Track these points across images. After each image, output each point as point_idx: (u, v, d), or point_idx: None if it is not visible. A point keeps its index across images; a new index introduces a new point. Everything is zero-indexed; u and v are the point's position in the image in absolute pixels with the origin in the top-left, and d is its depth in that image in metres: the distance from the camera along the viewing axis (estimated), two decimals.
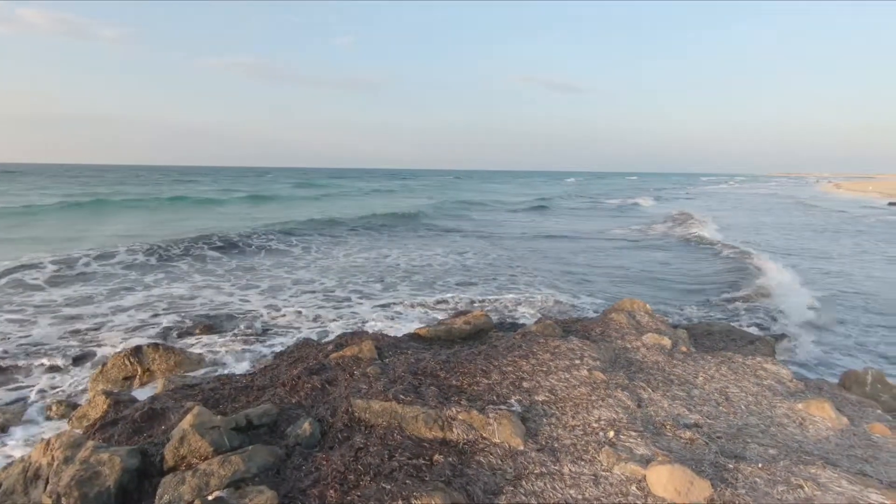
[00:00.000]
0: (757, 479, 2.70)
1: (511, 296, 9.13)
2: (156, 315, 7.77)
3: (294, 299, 8.84)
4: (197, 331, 6.98)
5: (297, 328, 7.27)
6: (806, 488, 2.61)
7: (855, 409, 4.00)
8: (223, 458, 2.78)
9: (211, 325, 7.19)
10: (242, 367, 5.63)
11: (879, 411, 4.05)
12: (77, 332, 6.91)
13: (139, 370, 5.22)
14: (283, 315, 7.88)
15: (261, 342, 6.58)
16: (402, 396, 3.51)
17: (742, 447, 3.16)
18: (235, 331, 7.01)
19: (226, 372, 5.32)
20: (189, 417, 3.10)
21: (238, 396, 3.99)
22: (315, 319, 7.72)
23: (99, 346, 6.42)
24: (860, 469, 2.93)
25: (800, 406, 3.72)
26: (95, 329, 7.05)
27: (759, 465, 2.84)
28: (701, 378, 4.19)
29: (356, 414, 3.40)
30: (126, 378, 5.18)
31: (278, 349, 5.96)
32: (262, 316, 7.78)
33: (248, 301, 8.68)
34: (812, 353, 6.70)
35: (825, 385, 4.65)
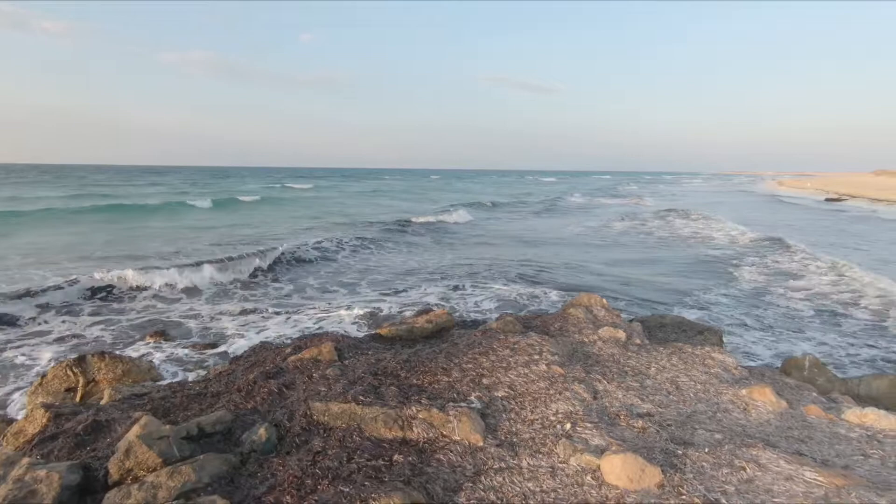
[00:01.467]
0: (703, 464, 2.83)
1: (483, 293, 9.20)
2: (100, 323, 7.39)
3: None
4: (147, 338, 6.68)
5: (254, 331, 7.07)
6: (748, 469, 2.75)
7: (793, 393, 4.25)
8: (172, 468, 2.67)
9: (162, 331, 6.89)
10: (196, 374, 5.42)
11: (815, 394, 4.33)
12: (11, 340, 6.48)
13: (82, 381, 4.94)
14: (240, 320, 7.64)
15: (215, 348, 6.36)
16: (361, 397, 3.47)
17: (690, 433, 3.30)
18: (188, 337, 6.75)
19: (178, 379, 5.11)
20: (136, 428, 2.96)
21: (190, 404, 3.84)
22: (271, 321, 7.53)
23: (36, 356, 6.04)
24: (797, 449, 3.11)
25: (743, 392, 3.91)
26: (33, 337, 6.63)
27: (706, 450, 2.97)
28: (653, 369, 4.34)
29: (315, 417, 3.34)
30: (68, 390, 4.90)
31: (234, 354, 5.77)
32: (214, 322, 7.52)
33: (198, 309, 8.37)
34: None
35: (767, 371, 4.92)
